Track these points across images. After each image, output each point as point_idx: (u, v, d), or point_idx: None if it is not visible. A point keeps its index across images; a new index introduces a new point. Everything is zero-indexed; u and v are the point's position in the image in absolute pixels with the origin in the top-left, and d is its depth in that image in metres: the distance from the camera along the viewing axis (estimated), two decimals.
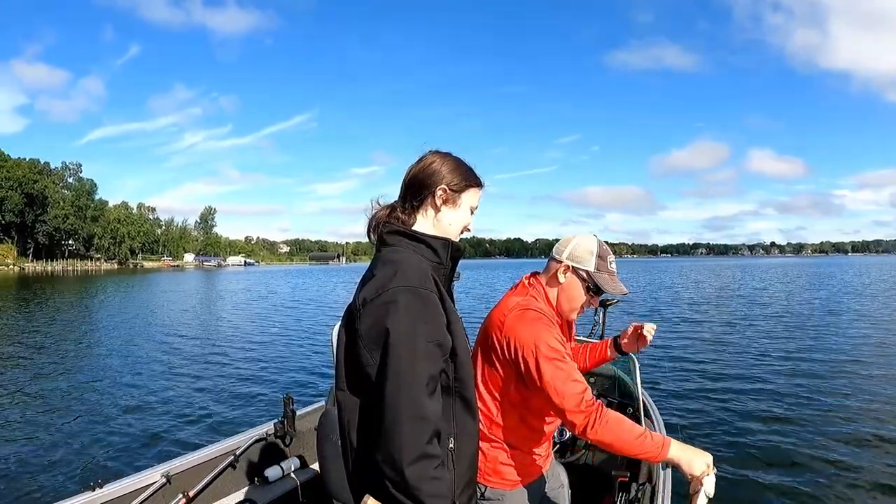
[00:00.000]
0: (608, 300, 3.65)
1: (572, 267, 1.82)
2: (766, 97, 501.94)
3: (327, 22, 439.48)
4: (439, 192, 1.47)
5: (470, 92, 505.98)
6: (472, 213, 1.54)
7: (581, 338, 2.60)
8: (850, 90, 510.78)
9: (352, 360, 1.35)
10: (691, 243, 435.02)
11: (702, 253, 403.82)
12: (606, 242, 1.86)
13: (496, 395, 1.81)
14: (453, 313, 1.41)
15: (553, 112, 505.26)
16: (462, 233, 1.54)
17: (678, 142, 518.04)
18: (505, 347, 1.76)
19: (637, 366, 3.00)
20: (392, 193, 1.55)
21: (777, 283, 35.81)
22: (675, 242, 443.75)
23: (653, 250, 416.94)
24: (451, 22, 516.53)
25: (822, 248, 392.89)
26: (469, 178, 1.51)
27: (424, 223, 1.49)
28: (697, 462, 1.63)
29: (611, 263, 1.84)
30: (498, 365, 1.79)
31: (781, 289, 30.04)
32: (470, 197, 1.52)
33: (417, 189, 1.49)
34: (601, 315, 3.74)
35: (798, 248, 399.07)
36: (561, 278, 1.84)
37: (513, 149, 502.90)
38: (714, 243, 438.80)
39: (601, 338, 3.12)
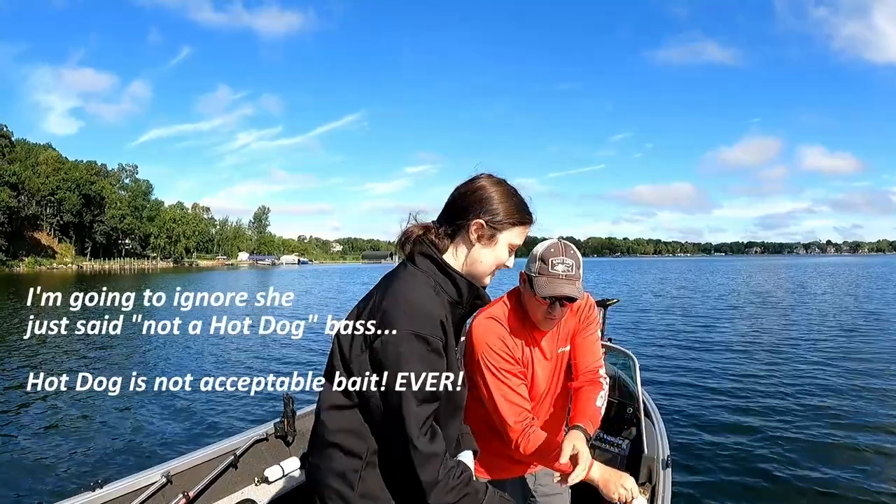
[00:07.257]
0: (607, 301, 3.74)
1: (524, 273, 1.78)
2: (813, 93, 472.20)
3: (374, 21, 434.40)
4: (475, 226, 1.37)
5: (523, 89, 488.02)
6: (511, 251, 1.45)
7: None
8: None
9: (344, 364, 1.34)
10: (745, 242, 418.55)
11: (756, 252, 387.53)
12: (661, 242, 1.82)
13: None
14: (454, 357, 1.38)
15: (606, 109, 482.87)
16: (495, 270, 1.44)
17: (726, 139, 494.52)
18: (465, 352, 1.77)
19: (637, 365, 3.04)
20: (440, 195, 1.46)
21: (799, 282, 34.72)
22: (728, 241, 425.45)
23: (706, 249, 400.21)
24: (502, 18, 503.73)
25: (880, 247, 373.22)
26: (514, 216, 1.40)
27: (455, 252, 1.41)
28: (613, 484, 1.64)
29: (554, 266, 1.67)
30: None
31: (793, 288, 29.15)
32: (511, 235, 1.41)
33: (457, 213, 1.40)
34: (601, 314, 3.61)
35: (855, 247, 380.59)
36: (521, 285, 1.81)
37: (566, 146, 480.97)
38: (768, 242, 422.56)
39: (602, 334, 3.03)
